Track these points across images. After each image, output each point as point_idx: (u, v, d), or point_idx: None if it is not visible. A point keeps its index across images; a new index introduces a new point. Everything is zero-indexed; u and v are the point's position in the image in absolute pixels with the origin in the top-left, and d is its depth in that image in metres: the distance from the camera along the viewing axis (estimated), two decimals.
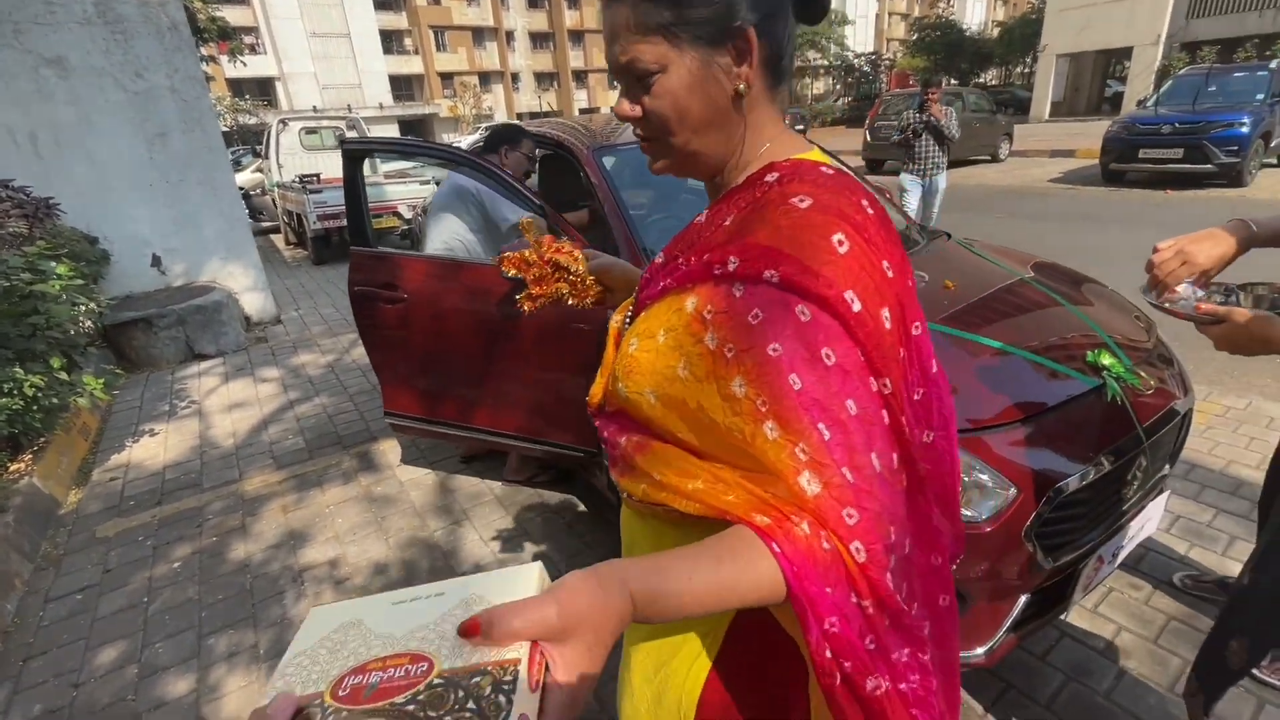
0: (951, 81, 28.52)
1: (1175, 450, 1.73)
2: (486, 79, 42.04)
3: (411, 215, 6.82)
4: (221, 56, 11.72)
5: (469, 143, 9.78)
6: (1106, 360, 1.57)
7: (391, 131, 32.75)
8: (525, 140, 2.58)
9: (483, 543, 2.43)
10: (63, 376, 3.09)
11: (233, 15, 18.26)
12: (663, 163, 0.67)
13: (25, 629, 2.15)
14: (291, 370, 4.38)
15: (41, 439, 3.09)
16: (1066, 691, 1.65)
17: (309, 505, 2.76)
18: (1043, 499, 1.35)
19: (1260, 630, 1.15)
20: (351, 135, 9.07)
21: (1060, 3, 20.98)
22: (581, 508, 2.60)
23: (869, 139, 12.53)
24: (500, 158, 2.53)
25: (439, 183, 3.55)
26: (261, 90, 34.16)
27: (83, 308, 3.48)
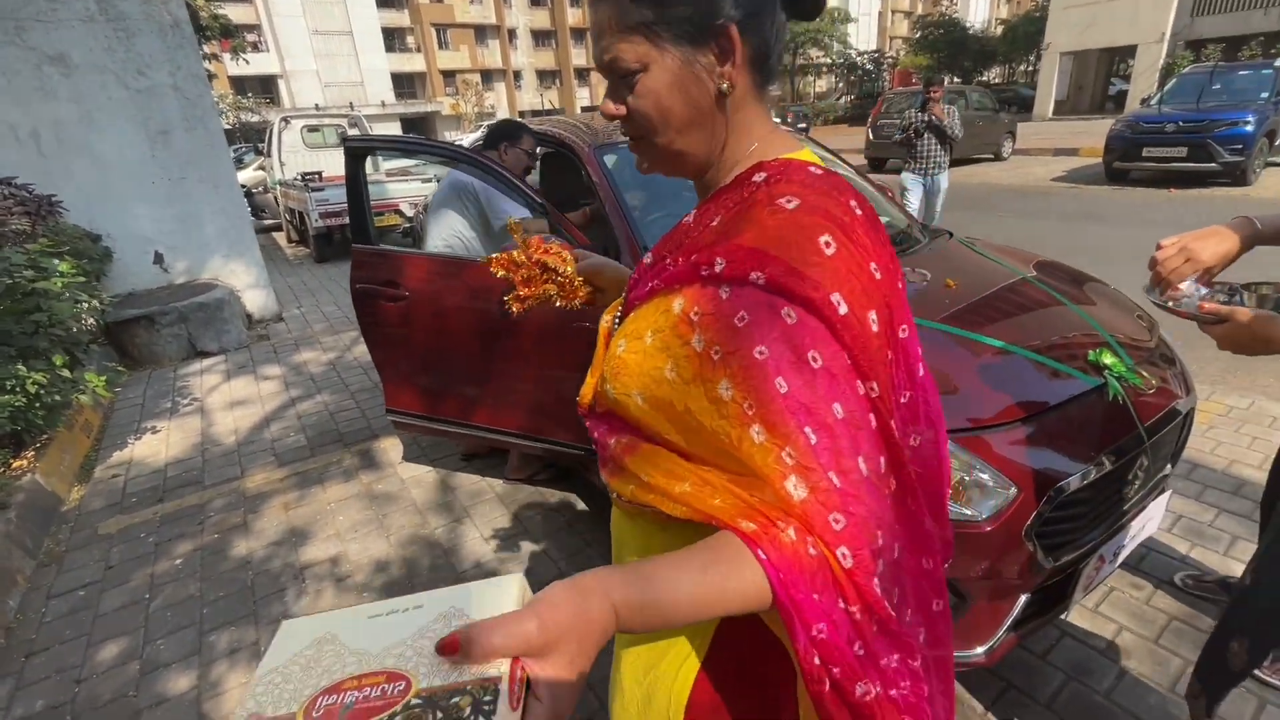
0: (955, 80, 28.46)
1: (1177, 450, 1.73)
2: (489, 77, 42.03)
3: (413, 213, 6.83)
4: (224, 54, 11.74)
5: (470, 140, 9.79)
6: (1108, 359, 1.57)
7: (394, 129, 32.82)
8: (525, 136, 2.56)
9: (483, 540, 2.43)
10: (65, 374, 3.10)
11: (235, 13, 18.27)
12: (649, 162, 0.66)
13: (28, 625, 2.16)
14: (293, 368, 4.39)
15: (44, 436, 3.10)
16: (1067, 691, 1.65)
17: (310, 503, 2.76)
18: (1043, 498, 1.35)
19: (1261, 631, 1.15)
20: (353, 133, 9.08)
21: (1064, 0, 20.92)
22: (582, 506, 2.60)
23: (871, 137, 12.52)
24: (499, 154, 2.51)
25: (440, 181, 3.56)
26: (264, 88, 34.20)
27: (85, 305, 3.49)
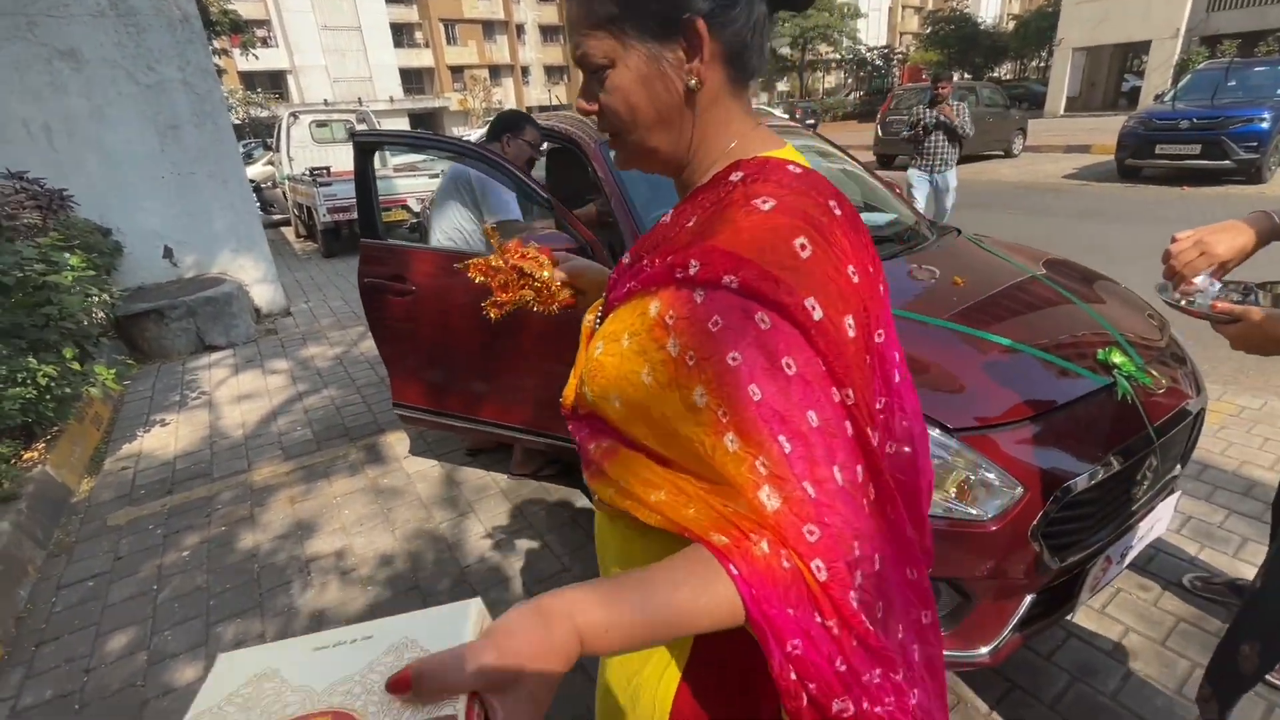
0: (965, 75, 28.20)
1: (1187, 450, 1.71)
2: (497, 72, 42.03)
3: (420, 208, 6.85)
4: (233, 49, 11.79)
5: (477, 136, 9.79)
6: (1117, 358, 1.55)
7: (402, 125, 32.84)
8: (528, 127, 2.50)
9: (487, 535, 2.44)
10: (75, 366, 3.13)
11: (244, 8, 18.31)
12: (623, 158, 0.65)
13: (38, 615, 2.18)
14: (300, 362, 4.41)
15: (54, 428, 3.13)
16: (1072, 692, 1.64)
17: (317, 496, 2.78)
18: (1050, 498, 1.34)
19: (1272, 635, 1.14)
20: (362, 128, 9.10)
21: None
22: (585, 502, 2.60)
23: (880, 134, 12.43)
24: (502, 146, 2.46)
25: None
26: (273, 83, 34.29)
27: (95, 299, 3.51)
